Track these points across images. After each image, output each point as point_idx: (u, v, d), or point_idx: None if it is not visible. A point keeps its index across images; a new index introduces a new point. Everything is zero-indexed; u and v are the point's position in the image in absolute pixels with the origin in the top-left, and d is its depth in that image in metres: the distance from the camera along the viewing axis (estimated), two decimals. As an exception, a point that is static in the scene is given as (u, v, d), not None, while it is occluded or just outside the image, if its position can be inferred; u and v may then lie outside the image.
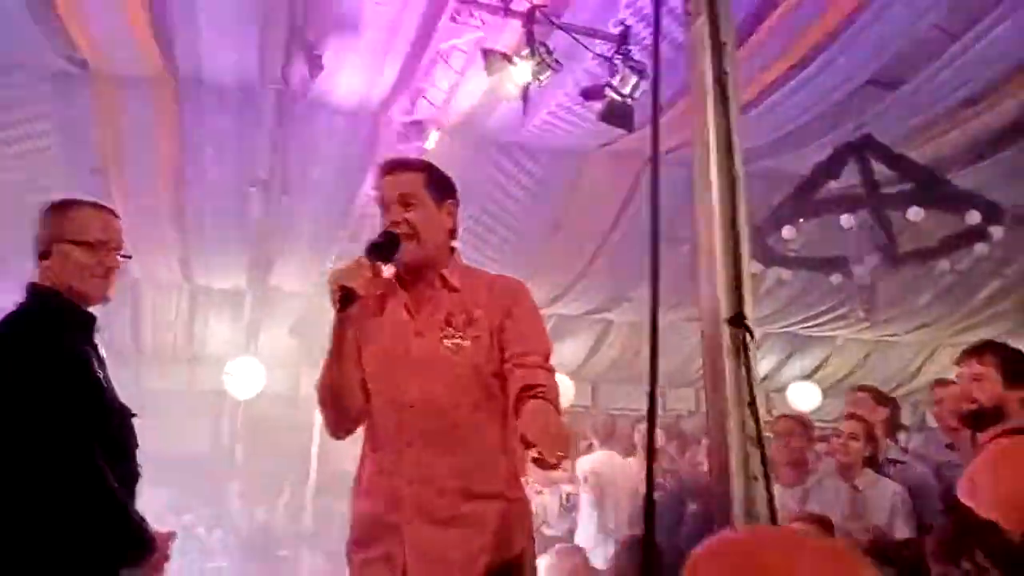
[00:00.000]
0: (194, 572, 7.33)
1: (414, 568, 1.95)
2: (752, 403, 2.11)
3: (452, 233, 2.22)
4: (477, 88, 5.29)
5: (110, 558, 2.00)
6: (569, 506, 5.87)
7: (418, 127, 5.49)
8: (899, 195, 6.16)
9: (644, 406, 9.06)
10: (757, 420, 2.10)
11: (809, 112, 5.89)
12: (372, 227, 6.72)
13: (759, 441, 2.10)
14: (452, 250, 2.23)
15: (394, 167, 2.21)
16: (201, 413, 8.53)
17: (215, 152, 6.13)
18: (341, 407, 2.13)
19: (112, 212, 2.29)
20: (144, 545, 2.05)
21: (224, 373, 8.54)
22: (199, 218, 6.80)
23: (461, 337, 2.06)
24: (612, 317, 9.48)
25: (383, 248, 2.08)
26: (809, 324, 9.35)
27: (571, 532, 5.92)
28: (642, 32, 4.31)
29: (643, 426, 6.82)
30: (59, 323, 2.10)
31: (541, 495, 6.11)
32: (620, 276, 8.29)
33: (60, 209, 2.21)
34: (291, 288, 8.11)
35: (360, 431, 2.19)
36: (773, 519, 2.05)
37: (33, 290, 2.15)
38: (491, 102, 5.62)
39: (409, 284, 2.17)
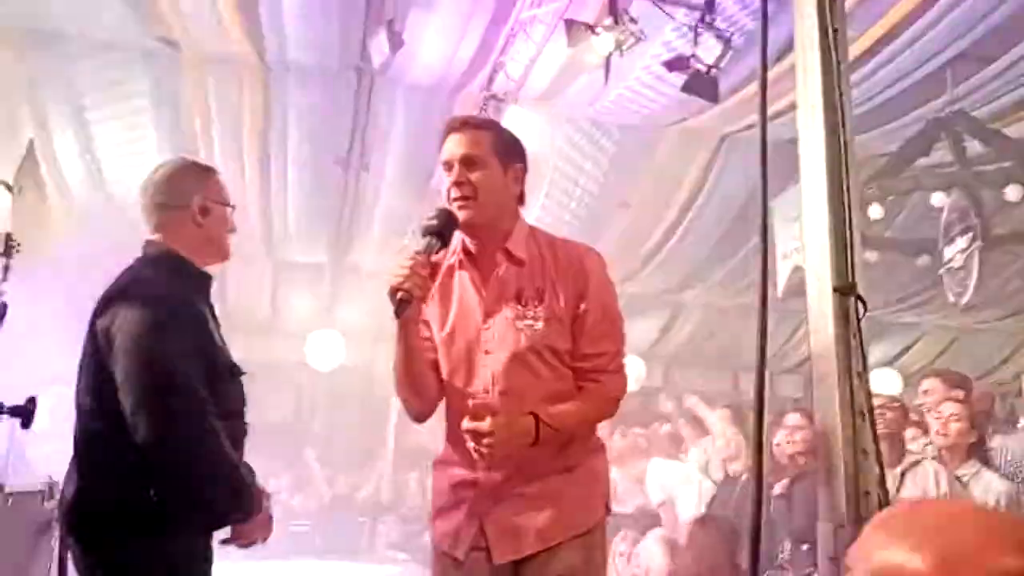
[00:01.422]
0: (279, 532, 7.61)
1: (494, 539, 1.98)
2: (863, 374, 2.03)
3: (519, 199, 2.10)
4: (555, 61, 5.28)
5: (220, 514, 2.04)
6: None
7: (495, 101, 5.51)
8: (994, 173, 5.89)
9: (715, 388, 8.95)
10: (868, 392, 2.02)
11: (897, 85, 5.67)
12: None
13: (870, 414, 2.02)
14: (517, 217, 2.10)
15: (461, 125, 2.07)
16: (283, 383, 8.80)
17: (298, 129, 6.30)
18: (416, 398, 2.10)
19: (216, 171, 2.31)
20: (250, 503, 2.07)
21: (305, 345, 8.81)
22: (282, 193, 7.01)
23: (533, 317, 1.99)
24: (684, 298, 9.36)
25: (440, 229, 1.96)
26: (893, 309, 9.04)
27: (641, 510, 5.88)
28: (725, 0, 4.22)
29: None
30: (176, 280, 2.12)
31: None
32: (693, 257, 8.19)
33: (201, 170, 2.25)
34: (369, 264, 8.28)
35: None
36: (884, 496, 1.96)
37: (150, 247, 2.18)
38: (567, 76, 5.61)
39: (476, 257, 2.05)
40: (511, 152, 2.07)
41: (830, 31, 2.24)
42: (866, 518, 2.04)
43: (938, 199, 6.20)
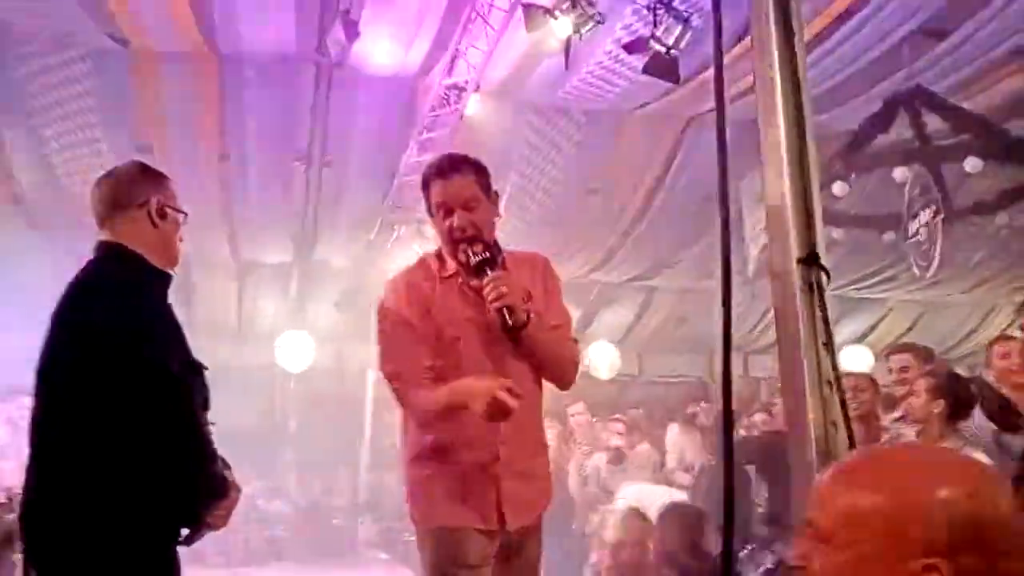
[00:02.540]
0: (258, 540, 7.54)
1: (511, 510, 2.33)
2: (829, 344, 2.00)
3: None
4: (516, 49, 5.23)
5: (205, 503, 2.06)
6: (615, 459, 5.84)
7: (456, 91, 5.45)
8: (954, 147, 5.95)
9: (692, 374, 8.97)
10: (835, 363, 1.99)
11: (855, 64, 5.71)
12: (413, 197, 6.71)
13: (838, 385, 1.99)
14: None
15: (450, 171, 2.39)
16: (254, 387, 8.66)
17: (256, 125, 6.18)
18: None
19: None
20: (226, 490, 2.10)
21: (275, 347, 8.69)
22: (243, 193, 6.88)
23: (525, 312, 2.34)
24: (656, 284, 9.38)
25: (488, 263, 2.32)
26: (860, 286, 9.14)
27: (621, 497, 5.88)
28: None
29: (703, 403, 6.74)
30: (143, 276, 2.12)
31: (589, 456, 6.09)
32: (662, 242, 8.19)
33: (151, 174, 2.24)
34: (336, 261, 8.18)
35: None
36: None
37: (107, 247, 2.15)
38: (529, 63, 5.56)
39: (472, 273, 2.37)
40: (489, 181, 2.44)
41: (786, 3, 2.23)
42: None
43: (900, 174, 6.24)
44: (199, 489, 2.04)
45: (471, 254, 2.33)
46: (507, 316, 2.27)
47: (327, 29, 5.13)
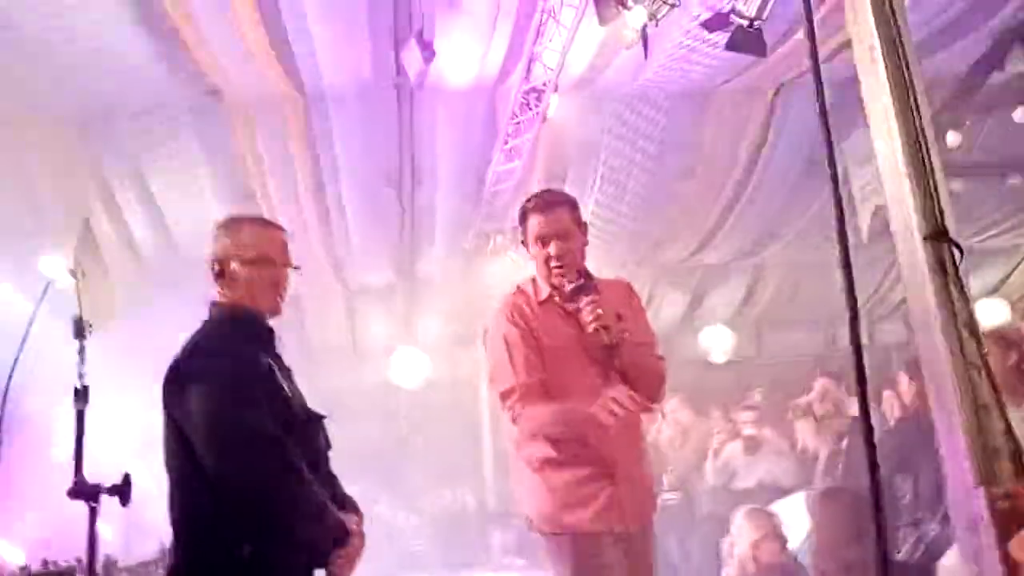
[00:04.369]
0: (393, 555, 7.71)
1: (629, 515, 2.57)
2: (971, 324, 1.87)
3: None
4: (591, 42, 5.13)
5: (319, 552, 2.08)
6: (751, 448, 5.65)
7: (536, 94, 5.40)
8: (1080, 76, 5.45)
9: (816, 350, 8.57)
10: (979, 342, 1.86)
11: (959, 1, 5.29)
12: (503, 204, 6.72)
13: (984, 365, 1.86)
14: None
15: (547, 206, 2.67)
16: (374, 406, 8.89)
17: (346, 154, 6.33)
18: None
19: (277, 227, 2.35)
20: (343, 536, 2.11)
21: (389, 365, 8.89)
22: (341, 220, 7.06)
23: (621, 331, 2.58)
24: (763, 260, 9.03)
25: (583, 288, 2.58)
26: (985, 236, 8.50)
27: (764, 483, 5.67)
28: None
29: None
30: (238, 337, 2.17)
31: (724, 441, 5.90)
32: (765, 216, 7.88)
33: (226, 228, 2.29)
34: (438, 275, 8.29)
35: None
36: (1016, 448, 1.81)
37: (213, 307, 2.25)
38: (605, 55, 5.45)
39: (568, 298, 2.62)
40: (580, 214, 2.73)
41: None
42: (999, 477, 1.87)
43: (1020, 114, 5.79)
44: (307, 543, 2.07)
45: (567, 280, 2.59)
46: (604, 335, 2.49)
47: (402, 51, 5.20)
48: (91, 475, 2.18)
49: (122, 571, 2.96)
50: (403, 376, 9.03)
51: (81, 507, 2.11)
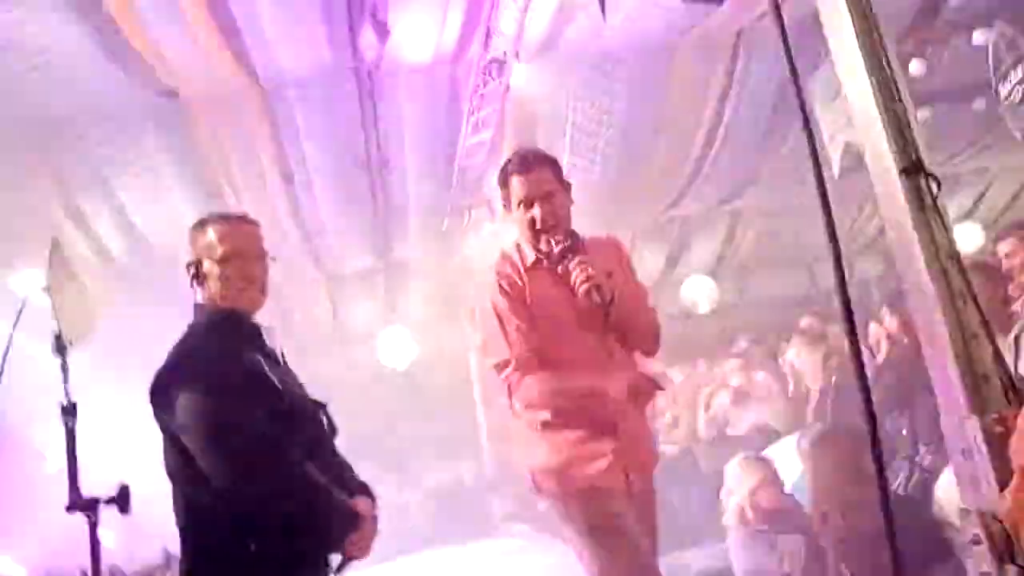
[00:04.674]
0: (397, 532, 7.76)
1: (634, 472, 2.60)
2: (953, 254, 1.89)
3: None
4: (548, 7, 5.08)
5: (332, 539, 2.11)
6: (738, 399, 5.74)
7: (497, 64, 5.34)
8: (1036, -6, 5.46)
9: (799, 291, 8.67)
10: (963, 272, 1.88)
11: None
12: (475, 178, 6.67)
13: (971, 294, 1.89)
14: None
15: (529, 167, 2.59)
16: (363, 389, 8.91)
17: (312, 143, 6.25)
18: None
19: (246, 220, 2.34)
20: (354, 520, 2.14)
21: (376, 348, 8.89)
22: (313, 209, 6.99)
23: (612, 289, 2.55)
24: (739, 206, 9.06)
25: (571, 249, 2.55)
26: (955, 161, 8.59)
27: (756, 428, 5.76)
28: None
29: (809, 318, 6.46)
30: (218, 338, 2.18)
31: (711, 394, 5.99)
32: (738, 162, 7.89)
33: (195, 230, 2.31)
34: (415, 256, 8.26)
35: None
36: (1006, 375, 1.83)
37: (196, 310, 2.25)
38: (563, 18, 5.40)
39: (556, 260, 2.58)
40: (562, 173, 2.67)
41: None
42: (990, 403, 1.91)
43: (980, 36, 5.79)
44: (313, 532, 2.09)
45: (554, 242, 2.53)
46: (596, 294, 2.45)
47: (358, 33, 5.12)
48: (87, 482, 2.18)
49: (129, 579, 2.97)
50: (391, 357, 9.04)
51: (80, 517, 2.11)
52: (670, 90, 6.76)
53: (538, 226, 2.57)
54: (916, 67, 5.69)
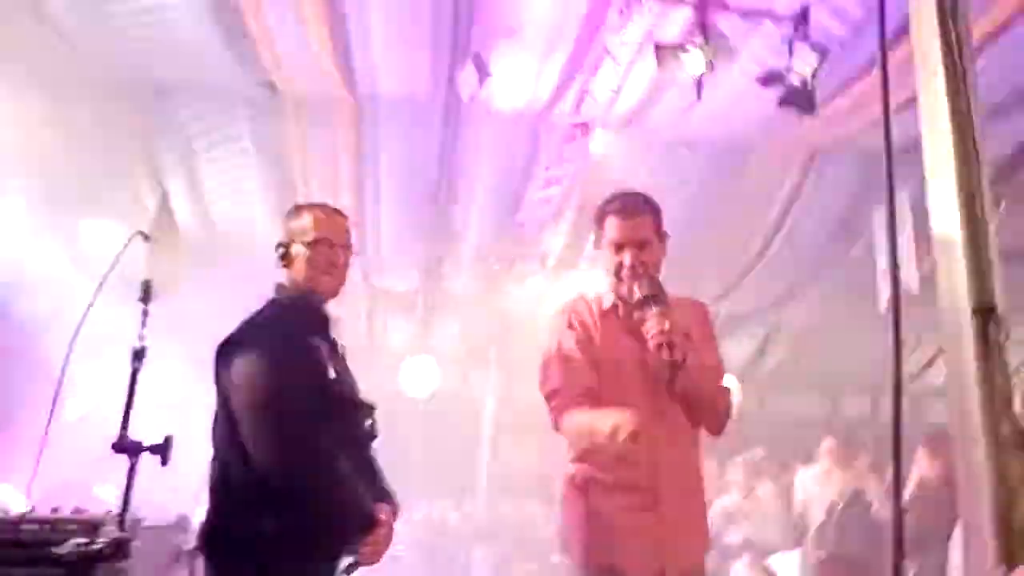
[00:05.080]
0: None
1: (670, 558, 2.34)
2: (1008, 403, 1.87)
3: None
4: (642, 82, 5.24)
5: (346, 536, 2.15)
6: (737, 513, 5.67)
7: (583, 127, 5.50)
8: None
9: (820, 414, 8.50)
10: (1016, 423, 1.86)
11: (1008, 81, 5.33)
12: (534, 231, 6.75)
13: (1020, 444, 1.86)
14: None
15: (629, 212, 2.50)
16: (380, 409, 8.93)
17: (389, 161, 6.45)
18: None
19: (339, 213, 2.45)
20: (370, 522, 2.18)
21: (400, 372, 8.95)
22: (375, 224, 7.17)
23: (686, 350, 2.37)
24: (780, 318, 9.07)
25: (654, 299, 2.39)
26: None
27: (746, 541, 5.68)
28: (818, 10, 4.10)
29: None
30: (289, 317, 2.26)
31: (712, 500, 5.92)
32: (788, 274, 7.94)
33: (291, 214, 2.44)
34: (460, 290, 8.37)
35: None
36: None
37: (276, 289, 2.35)
38: (654, 97, 5.56)
39: (636, 308, 2.43)
40: (662, 223, 2.54)
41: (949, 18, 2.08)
42: (1020, 558, 1.87)
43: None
44: (331, 523, 2.12)
45: (636, 288, 2.41)
46: (667, 351, 2.28)
47: (458, 69, 5.32)
48: (107, 436, 2.26)
49: (147, 530, 3.04)
50: (413, 385, 9.07)
51: (81, 472, 2.17)
52: (738, 189, 6.88)
53: (624, 272, 2.46)
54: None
